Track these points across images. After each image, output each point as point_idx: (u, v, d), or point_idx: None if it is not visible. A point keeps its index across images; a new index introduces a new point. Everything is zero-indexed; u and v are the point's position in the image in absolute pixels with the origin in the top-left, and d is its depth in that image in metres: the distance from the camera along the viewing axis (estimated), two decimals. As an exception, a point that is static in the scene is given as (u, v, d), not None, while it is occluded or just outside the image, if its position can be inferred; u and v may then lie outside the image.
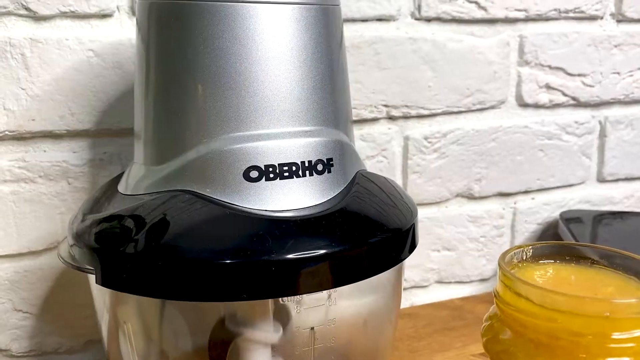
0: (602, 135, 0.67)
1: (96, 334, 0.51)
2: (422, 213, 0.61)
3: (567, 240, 0.59)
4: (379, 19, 0.55)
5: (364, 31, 0.54)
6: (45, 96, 0.46)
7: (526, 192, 0.65)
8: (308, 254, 0.31)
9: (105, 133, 0.48)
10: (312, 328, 0.34)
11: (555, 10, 0.61)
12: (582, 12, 0.63)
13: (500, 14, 0.59)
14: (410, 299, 0.62)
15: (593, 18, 0.63)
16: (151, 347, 0.40)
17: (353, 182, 0.37)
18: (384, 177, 0.41)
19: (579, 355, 0.25)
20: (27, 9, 0.45)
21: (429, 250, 0.62)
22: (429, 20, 0.57)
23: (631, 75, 0.66)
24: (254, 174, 0.33)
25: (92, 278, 0.35)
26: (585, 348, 0.25)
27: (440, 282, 0.63)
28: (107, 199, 0.37)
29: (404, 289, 0.61)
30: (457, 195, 0.62)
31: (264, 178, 0.33)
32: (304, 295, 0.34)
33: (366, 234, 0.34)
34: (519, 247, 0.30)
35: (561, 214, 0.65)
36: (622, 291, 0.28)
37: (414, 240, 0.37)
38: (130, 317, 0.37)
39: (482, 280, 0.65)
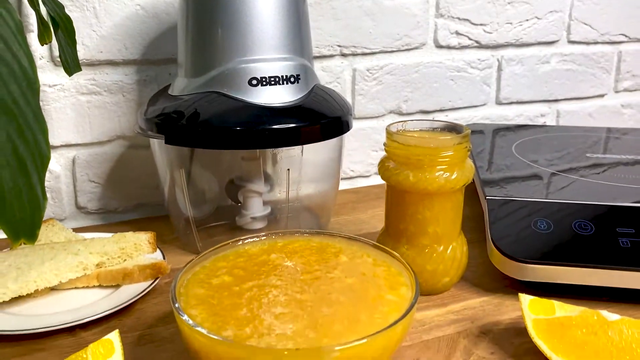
0: (499, 69, 0.92)
1: (143, 198, 0.75)
2: (365, 124, 0.85)
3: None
4: (334, -16, 0.78)
5: (323, -8, 0.78)
6: (108, 36, 0.69)
7: (441, 110, 0.90)
8: (286, 126, 0.55)
9: (147, 62, 0.71)
10: (288, 169, 0.59)
11: (462, -23, 0.85)
12: (483, -22, 0.86)
13: (422, -20, 0.82)
14: (355, 185, 0.87)
15: (492, -17, 0.87)
16: (194, 187, 0.65)
17: (312, 90, 0.61)
18: (332, 89, 0.65)
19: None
20: (96, -24, 0.67)
21: (370, 150, 0.87)
22: (370, -16, 0.80)
23: (521, 25, 0.91)
24: (254, 82, 0.57)
25: (157, 144, 0.59)
26: (422, 162, 0.50)
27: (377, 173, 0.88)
28: (163, 98, 0.61)
29: (352, 177, 0.87)
30: (390, 112, 0.86)
31: (260, 84, 0.57)
32: (284, 149, 0.59)
33: (319, 118, 0.58)
34: (400, 121, 0.55)
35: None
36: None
37: (349, 126, 0.62)
38: (183, 165, 0.61)
39: (409, 173, 0.90)
